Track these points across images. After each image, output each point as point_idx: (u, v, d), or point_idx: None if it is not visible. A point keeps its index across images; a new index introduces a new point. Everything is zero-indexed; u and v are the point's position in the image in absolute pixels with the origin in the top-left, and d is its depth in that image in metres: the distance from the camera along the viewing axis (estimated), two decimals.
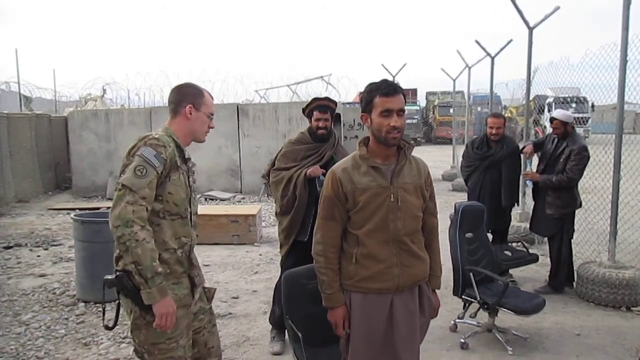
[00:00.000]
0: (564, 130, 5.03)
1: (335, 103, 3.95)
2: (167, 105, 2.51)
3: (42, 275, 5.99)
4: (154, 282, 2.16)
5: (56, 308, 4.92)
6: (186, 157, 2.44)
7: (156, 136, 2.29)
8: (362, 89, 2.40)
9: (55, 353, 3.98)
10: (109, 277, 2.30)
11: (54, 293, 5.32)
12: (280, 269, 3.99)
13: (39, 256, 6.88)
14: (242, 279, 5.88)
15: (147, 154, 2.21)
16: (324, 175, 3.63)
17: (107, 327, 2.54)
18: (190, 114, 2.41)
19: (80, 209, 9.75)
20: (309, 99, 4.01)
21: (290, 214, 3.74)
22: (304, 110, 3.94)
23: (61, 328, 4.43)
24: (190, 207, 2.44)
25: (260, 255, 6.85)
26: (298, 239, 3.74)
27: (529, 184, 5.31)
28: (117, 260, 2.30)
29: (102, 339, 4.20)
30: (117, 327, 4.36)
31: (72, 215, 5.33)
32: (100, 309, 4.80)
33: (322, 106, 3.84)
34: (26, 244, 7.50)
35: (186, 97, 2.43)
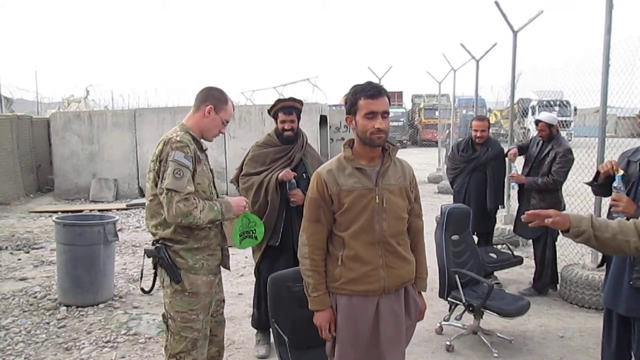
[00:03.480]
0: (549, 132, 5.08)
1: (301, 103, 3.81)
2: (150, 107, 2.57)
3: (22, 279, 5.88)
4: (224, 213, 2.68)
5: (37, 312, 4.83)
6: (203, 148, 2.76)
7: (178, 138, 2.58)
8: (347, 91, 2.39)
9: (35, 358, 3.91)
10: (150, 247, 2.68)
11: (35, 297, 5.22)
12: (255, 275, 3.96)
13: (19, 259, 6.76)
14: (228, 282, 5.82)
15: (178, 157, 2.53)
16: (295, 178, 3.61)
17: (143, 291, 2.93)
18: (209, 113, 2.71)
19: (63, 212, 9.62)
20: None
21: (262, 220, 3.66)
22: (269, 111, 3.81)
23: (42, 333, 4.35)
24: (214, 190, 2.80)
25: (246, 258, 6.80)
26: (270, 244, 3.70)
27: (515, 186, 5.35)
28: (157, 240, 2.67)
29: (83, 343, 4.14)
30: (99, 331, 4.34)
31: (54, 218, 5.26)
32: (83, 313, 4.81)
33: (286, 107, 3.71)
34: (7, 247, 7.36)
35: (211, 98, 2.73)
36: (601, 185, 3.03)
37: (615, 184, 2.80)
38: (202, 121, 2.71)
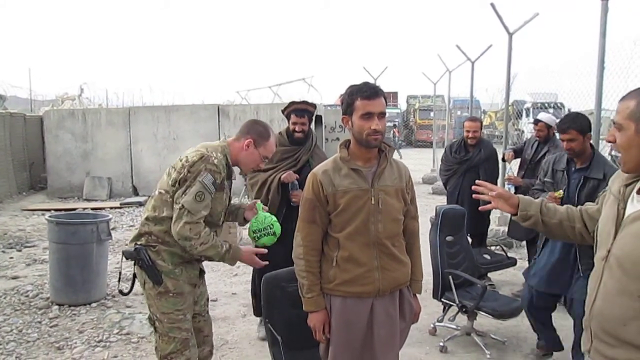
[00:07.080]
0: (547, 133, 5.09)
1: (314, 106, 3.96)
2: (145, 105, 2.56)
3: (14, 278, 5.84)
4: (225, 257, 2.62)
5: (29, 311, 4.80)
6: (232, 178, 2.79)
7: (215, 162, 2.57)
8: (343, 92, 2.39)
9: (27, 357, 3.88)
10: (129, 249, 2.66)
11: (27, 296, 5.18)
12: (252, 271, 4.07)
13: (11, 258, 6.71)
14: (221, 282, 5.82)
15: (207, 181, 2.52)
16: (300, 179, 3.68)
17: (121, 292, 2.94)
18: (248, 147, 2.72)
19: (56, 210, 9.57)
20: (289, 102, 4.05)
21: None
22: (283, 111, 3.97)
23: (34, 332, 4.33)
24: (223, 216, 2.80)
25: None
26: None
27: (511, 188, 5.35)
28: (140, 236, 2.66)
29: (75, 342, 4.11)
30: (91, 330, 4.32)
31: (46, 216, 5.23)
32: (75, 312, 4.78)
33: (299, 110, 3.85)
34: None
35: (252, 131, 2.75)
36: None
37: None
38: (240, 152, 2.73)
